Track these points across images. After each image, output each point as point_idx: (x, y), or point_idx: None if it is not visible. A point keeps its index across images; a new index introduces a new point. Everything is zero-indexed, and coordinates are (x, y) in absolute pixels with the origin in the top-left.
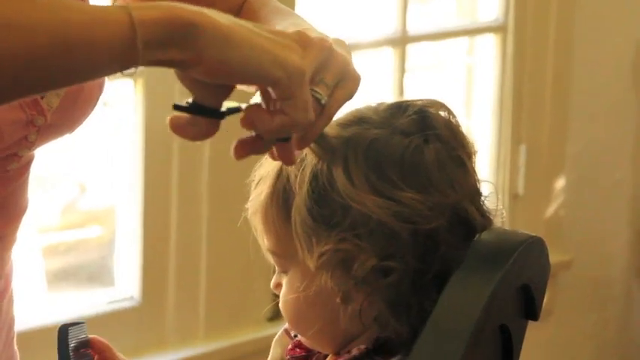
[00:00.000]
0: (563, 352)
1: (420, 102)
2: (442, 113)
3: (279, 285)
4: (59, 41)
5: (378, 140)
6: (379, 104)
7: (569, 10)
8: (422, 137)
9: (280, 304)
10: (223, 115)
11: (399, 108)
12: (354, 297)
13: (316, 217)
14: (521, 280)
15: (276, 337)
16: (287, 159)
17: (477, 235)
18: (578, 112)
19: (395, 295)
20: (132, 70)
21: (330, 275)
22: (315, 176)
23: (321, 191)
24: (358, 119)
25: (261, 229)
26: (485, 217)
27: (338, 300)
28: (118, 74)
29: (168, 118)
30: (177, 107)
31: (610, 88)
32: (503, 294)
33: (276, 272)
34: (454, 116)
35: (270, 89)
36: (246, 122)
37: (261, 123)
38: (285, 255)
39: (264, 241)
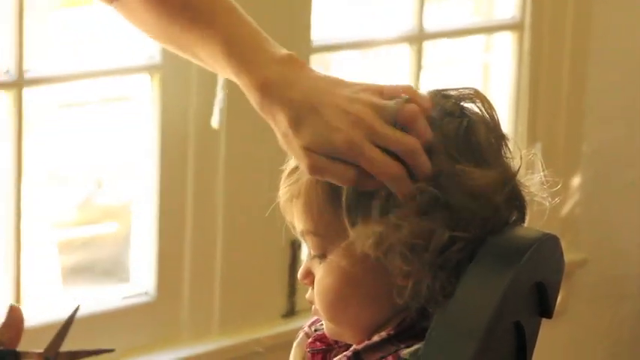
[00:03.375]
0: (578, 350)
1: (455, 91)
2: (478, 103)
3: (309, 274)
4: None
5: (432, 120)
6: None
7: (586, 8)
8: (468, 118)
9: (317, 290)
10: None
11: (437, 94)
12: (414, 273)
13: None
14: (535, 278)
15: (297, 341)
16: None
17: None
18: (594, 110)
19: (447, 267)
20: None
21: (393, 253)
22: None
23: None
24: None
25: (302, 211)
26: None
27: (397, 279)
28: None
29: None
30: None
31: (626, 86)
32: (518, 291)
33: (306, 261)
34: (490, 106)
35: None
36: None
37: None
38: (329, 236)
39: (303, 224)
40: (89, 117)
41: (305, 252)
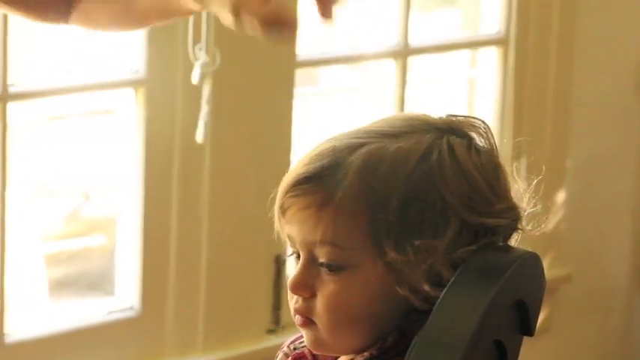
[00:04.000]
0: None
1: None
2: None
3: (307, 285)
4: None
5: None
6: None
7: (570, 23)
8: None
9: (328, 303)
10: None
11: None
12: (443, 274)
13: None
14: (516, 296)
15: None
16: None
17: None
18: (580, 124)
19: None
20: None
21: (432, 259)
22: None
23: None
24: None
25: (329, 220)
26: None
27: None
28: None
29: None
30: None
31: (612, 100)
32: (498, 309)
33: (300, 271)
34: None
35: None
36: None
37: None
38: (356, 250)
39: (324, 233)
40: (75, 130)
41: (290, 267)
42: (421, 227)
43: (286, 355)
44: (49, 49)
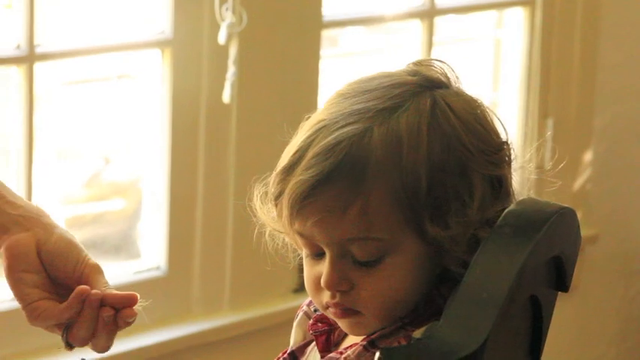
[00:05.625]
0: (588, 326)
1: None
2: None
3: (345, 280)
4: None
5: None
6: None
7: None
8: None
9: (375, 293)
10: None
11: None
12: (481, 236)
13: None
14: (552, 252)
15: (297, 320)
16: None
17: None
18: (606, 85)
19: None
20: None
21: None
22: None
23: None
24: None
25: (356, 219)
26: None
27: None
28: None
29: None
30: None
31: (638, 61)
32: (535, 264)
33: (332, 267)
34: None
35: None
36: None
37: None
38: (390, 235)
39: (357, 232)
40: (98, 93)
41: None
42: (453, 197)
43: (307, 314)
44: (75, 10)
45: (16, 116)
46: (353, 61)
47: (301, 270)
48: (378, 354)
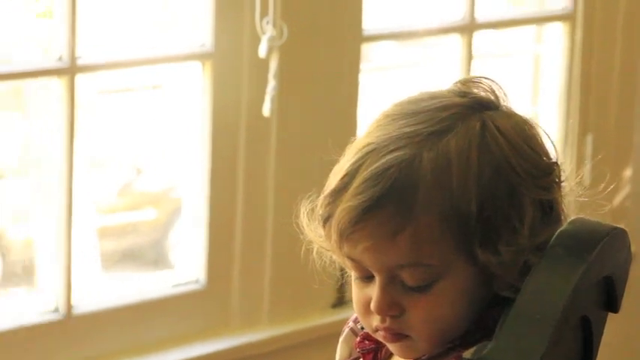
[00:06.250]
0: (625, 346)
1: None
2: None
3: (393, 306)
4: None
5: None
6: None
7: None
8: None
9: (428, 319)
10: None
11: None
12: (532, 261)
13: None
14: (604, 272)
15: (342, 337)
16: None
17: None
18: None
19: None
20: None
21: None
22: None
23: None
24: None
25: (407, 244)
26: None
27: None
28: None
29: None
30: None
31: None
32: (587, 285)
33: (382, 292)
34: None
35: None
36: None
37: None
38: (441, 261)
39: (407, 258)
40: (134, 103)
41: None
42: (503, 222)
43: (353, 331)
44: (116, 22)
45: (57, 127)
46: (387, 75)
47: (340, 284)
48: None
